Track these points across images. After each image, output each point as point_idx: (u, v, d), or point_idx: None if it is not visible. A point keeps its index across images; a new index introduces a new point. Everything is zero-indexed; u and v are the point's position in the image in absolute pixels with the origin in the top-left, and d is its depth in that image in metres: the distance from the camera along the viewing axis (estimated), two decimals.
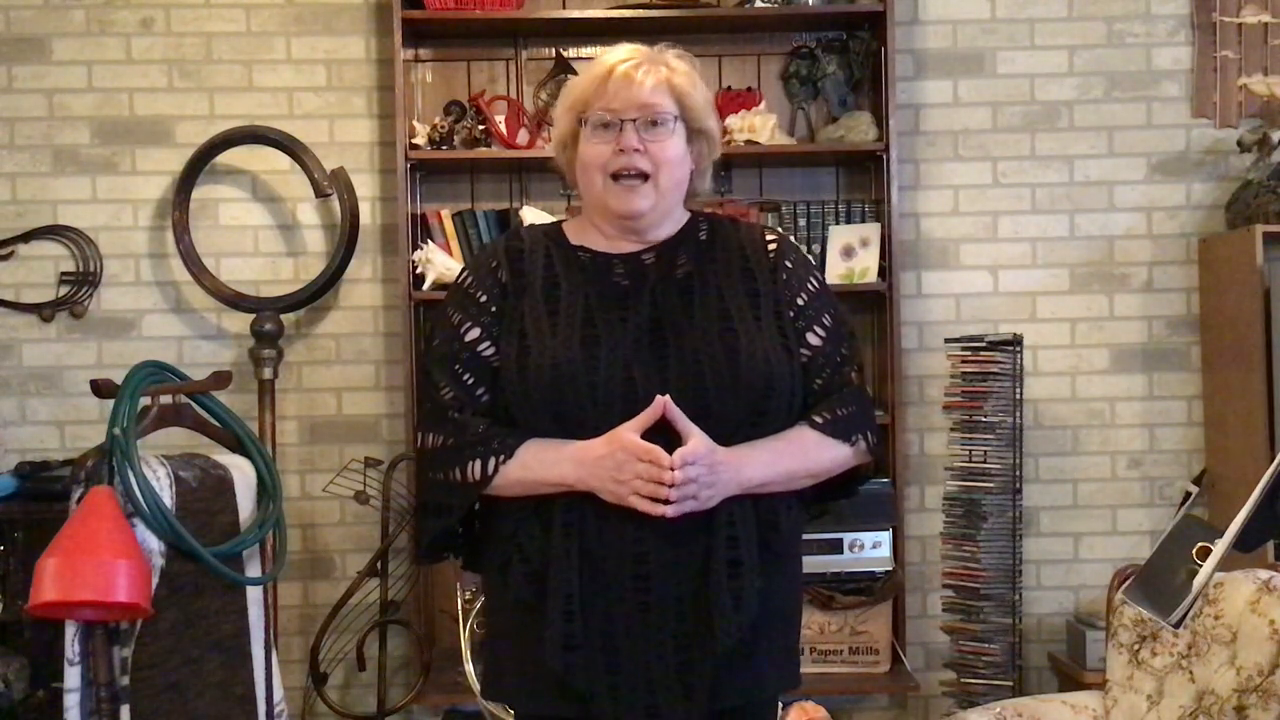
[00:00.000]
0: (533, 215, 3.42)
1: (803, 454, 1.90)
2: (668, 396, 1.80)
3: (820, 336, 1.96)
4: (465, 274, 2.01)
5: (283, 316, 3.58)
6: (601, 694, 1.82)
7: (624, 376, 1.83)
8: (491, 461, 1.85)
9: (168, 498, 2.60)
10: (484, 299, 1.94)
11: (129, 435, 2.54)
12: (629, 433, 1.79)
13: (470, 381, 1.91)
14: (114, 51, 3.66)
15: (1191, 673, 2.76)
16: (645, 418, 1.79)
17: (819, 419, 1.92)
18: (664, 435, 1.80)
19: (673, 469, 1.76)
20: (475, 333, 1.92)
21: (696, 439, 1.79)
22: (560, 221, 2.10)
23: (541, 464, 1.83)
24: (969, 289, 3.73)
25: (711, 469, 1.79)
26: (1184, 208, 3.74)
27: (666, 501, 1.77)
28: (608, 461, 1.79)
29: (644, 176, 1.92)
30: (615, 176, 1.92)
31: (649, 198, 1.93)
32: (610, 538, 1.82)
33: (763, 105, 3.60)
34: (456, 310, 1.96)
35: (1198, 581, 1.59)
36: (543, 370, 1.84)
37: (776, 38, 3.70)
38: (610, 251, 1.97)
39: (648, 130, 1.91)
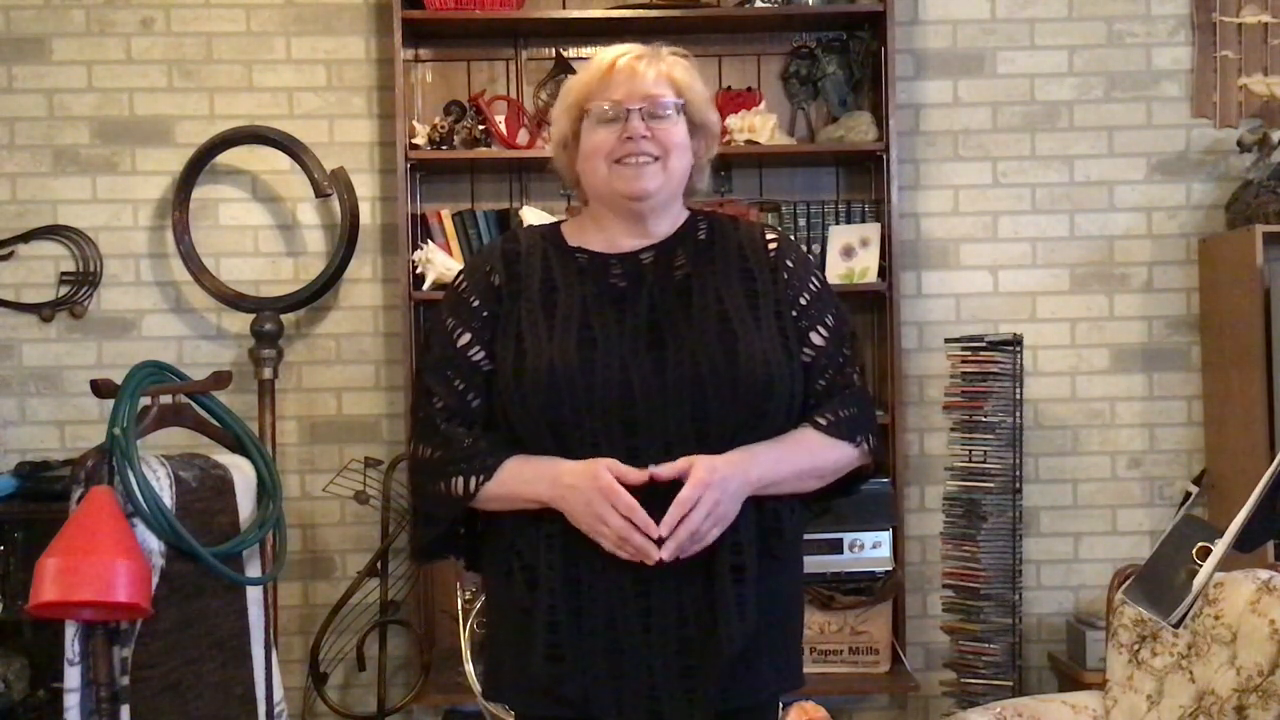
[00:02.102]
0: (533, 215, 3.42)
1: (808, 454, 1.89)
2: (652, 471, 1.76)
3: (823, 337, 1.95)
4: (460, 278, 2.00)
5: (283, 316, 3.58)
6: (605, 699, 1.82)
7: (620, 379, 1.81)
8: (473, 480, 1.84)
9: (168, 498, 2.60)
10: (476, 303, 1.93)
11: (129, 435, 2.54)
12: (607, 474, 1.76)
13: (461, 387, 1.90)
14: (114, 51, 3.66)
15: (1191, 673, 2.76)
16: (631, 478, 1.76)
17: (822, 420, 1.90)
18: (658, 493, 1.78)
19: (676, 506, 1.74)
20: (466, 338, 1.91)
21: (693, 479, 1.76)
22: (559, 222, 2.09)
23: (518, 482, 1.82)
24: (969, 289, 3.73)
25: (721, 488, 1.77)
26: (1184, 208, 3.74)
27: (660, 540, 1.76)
28: (579, 494, 1.77)
29: (653, 158, 1.90)
30: (620, 161, 1.90)
31: (657, 178, 1.91)
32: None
33: (763, 105, 3.60)
34: (450, 315, 1.95)
35: (1198, 581, 1.59)
36: (539, 373, 1.82)
37: (776, 38, 3.70)
38: (608, 252, 1.96)
39: (652, 119, 1.90)
